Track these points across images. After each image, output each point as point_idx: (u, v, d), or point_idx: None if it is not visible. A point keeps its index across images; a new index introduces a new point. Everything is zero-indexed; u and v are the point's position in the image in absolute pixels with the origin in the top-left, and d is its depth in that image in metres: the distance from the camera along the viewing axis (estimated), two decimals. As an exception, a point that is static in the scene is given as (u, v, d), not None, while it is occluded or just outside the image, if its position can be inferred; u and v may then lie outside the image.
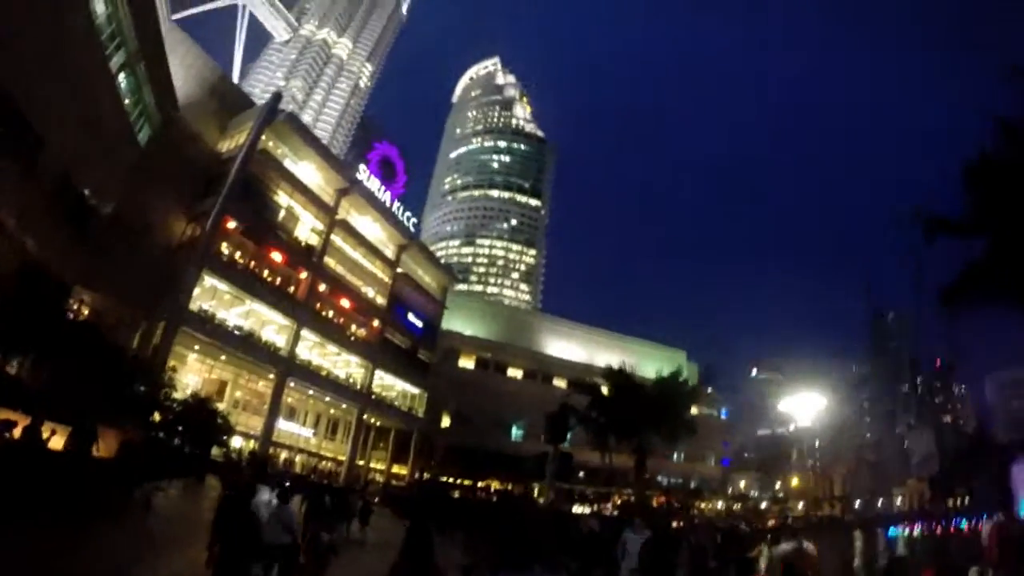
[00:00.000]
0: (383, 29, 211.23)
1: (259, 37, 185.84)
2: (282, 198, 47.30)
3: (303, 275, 48.35)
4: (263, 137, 45.13)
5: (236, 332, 41.11)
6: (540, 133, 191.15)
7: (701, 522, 42.92)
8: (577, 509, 68.68)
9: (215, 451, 29.58)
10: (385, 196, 60.04)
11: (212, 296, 40.36)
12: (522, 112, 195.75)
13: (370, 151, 63.54)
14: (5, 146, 24.44)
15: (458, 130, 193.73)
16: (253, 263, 43.19)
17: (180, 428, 26.28)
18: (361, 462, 59.44)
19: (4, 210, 24.99)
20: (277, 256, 45.20)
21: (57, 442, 17.00)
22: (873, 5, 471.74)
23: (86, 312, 28.61)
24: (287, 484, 11.73)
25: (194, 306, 37.53)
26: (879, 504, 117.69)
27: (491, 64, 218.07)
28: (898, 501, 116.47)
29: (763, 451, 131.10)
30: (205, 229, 39.00)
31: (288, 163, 48.24)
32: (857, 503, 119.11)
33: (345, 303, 53.54)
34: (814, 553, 9.27)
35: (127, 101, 34.14)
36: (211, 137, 45.10)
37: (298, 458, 50.78)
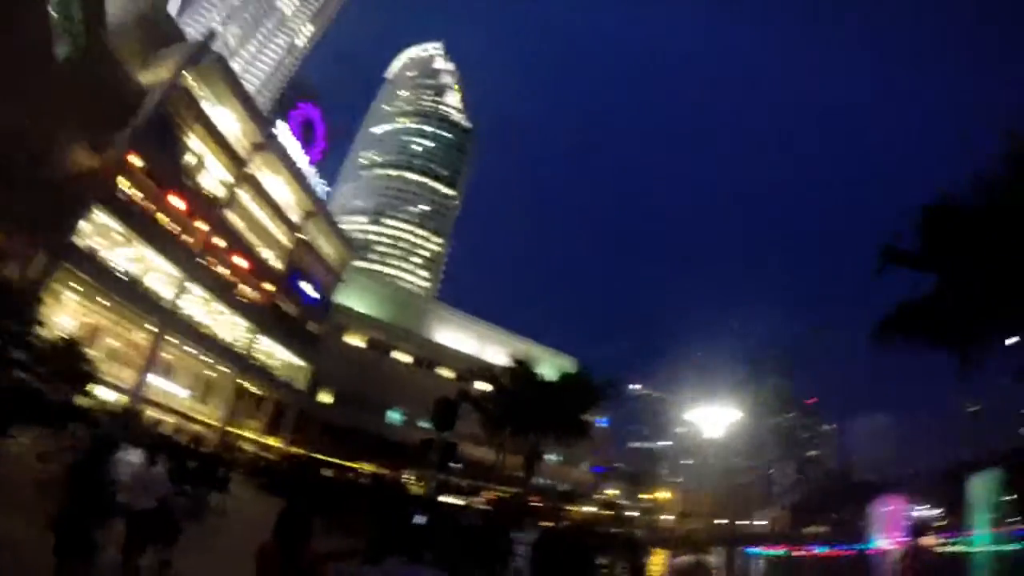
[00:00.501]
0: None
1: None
2: (194, 143, 45.09)
3: (201, 226, 46.10)
4: (187, 75, 42.98)
5: (121, 276, 38.65)
6: (467, 124, 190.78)
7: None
8: (448, 500, 69.34)
9: (82, 402, 27.53)
10: (301, 159, 58.52)
11: (101, 234, 37.81)
12: (454, 101, 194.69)
13: (294, 110, 61.58)
14: None
15: (386, 107, 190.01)
16: (151, 205, 40.75)
17: (40, 371, 24.16)
18: (234, 429, 57.39)
19: None
20: (178, 202, 42.84)
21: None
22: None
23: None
24: (155, 445, 11.28)
25: (81, 242, 35.03)
26: (749, 524, 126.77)
27: (433, 48, 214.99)
28: (764, 523, 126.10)
29: (633, 463, 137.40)
30: (106, 162, 36.54)
31: (207, 107, 45.98)
32: (724, 521, 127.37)
33: (241, 262, 51.45)
34: (711, 567, 10.10)
35: (54, 8, 31.68)
36: (133, 67, 42.13)
37: (169, 418, 48.35)
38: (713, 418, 18.19)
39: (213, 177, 48.03)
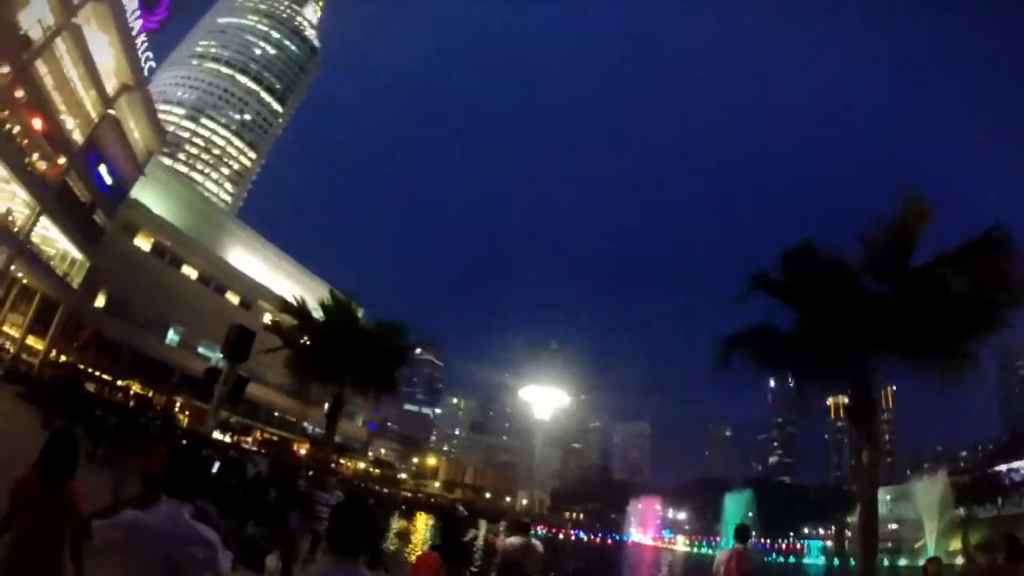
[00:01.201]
0: None
1: None
2: (22, -30, 37.33)
3: (4, 70, 38.38)
4: None
5: None
6: (316, 43, 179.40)
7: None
8: (217, 436, 65.01)
9: None
10: (136, 23, 51.45)
11: None
12: (311, 15, 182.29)
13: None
14: None
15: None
16: (-49, 30, 33.12)
17: None
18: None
19: None
20: (-14, 34, 35.28)
21: None
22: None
23: None
24: None
25: None
26: (506, 500, 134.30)
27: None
28: (523, 502, 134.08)
29: (407, 426, 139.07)
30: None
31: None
32: (488, 495, 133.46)
33: (37, 123, 43.32)
34: (541, 550, 10.07)
35: None
36: None
37: None
38: (544, 400, 18.41)
39: (33, 15, 40.33)
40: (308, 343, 27.34)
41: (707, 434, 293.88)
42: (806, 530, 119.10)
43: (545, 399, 21.75)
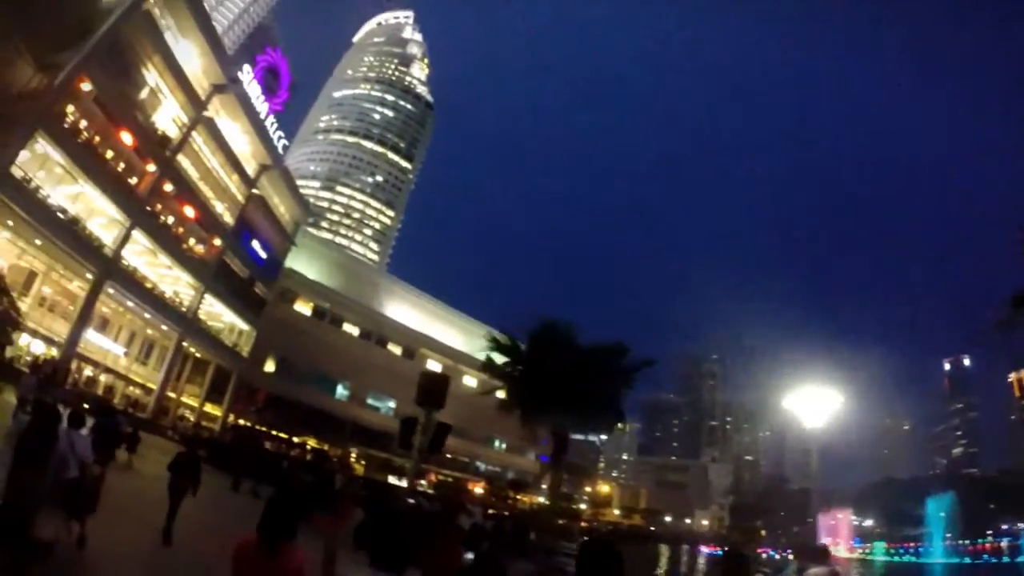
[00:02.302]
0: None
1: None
2: (150, 75, 40.68)
3: (150, 168, 41.80)
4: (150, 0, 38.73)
5: (60, 215, 34.36)
6: (430, 98, 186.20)
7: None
8: (393, 480, 66.98)
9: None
10: (262, 107, 54.55)
11: (42, 166, 33.44)
12: (419, 72, 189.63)
13: (260, 54, 57.29)
14: None
15: (349, 71, 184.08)
16: (98, 138, 36.45)
17: None
18: (172, 394, 53.32)
19: None
20: (127, 138, 38.45)
21: None
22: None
23: None
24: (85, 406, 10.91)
25: (18, 172, 30.78)
26: (685, 522, 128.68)
27: (403, 16, 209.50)
28: (704, 522, 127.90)
29: (574, 454, 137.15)
30: (54, 84, 32.21)
31: (168, 37, 41.67)
32: (667, 518, 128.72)
33: (189, 211, 47.20)
34: None
35: None
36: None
37: (103, 377, 44.16)
38: (815, 404, 15.71)
39: (167, 116, 43.74)
40: (520, 375, 26.08)
41: (881, 431, 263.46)
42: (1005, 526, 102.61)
43: (816, 403, 18.61)
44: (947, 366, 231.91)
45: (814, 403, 16.53)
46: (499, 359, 28.53)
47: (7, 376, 22.01)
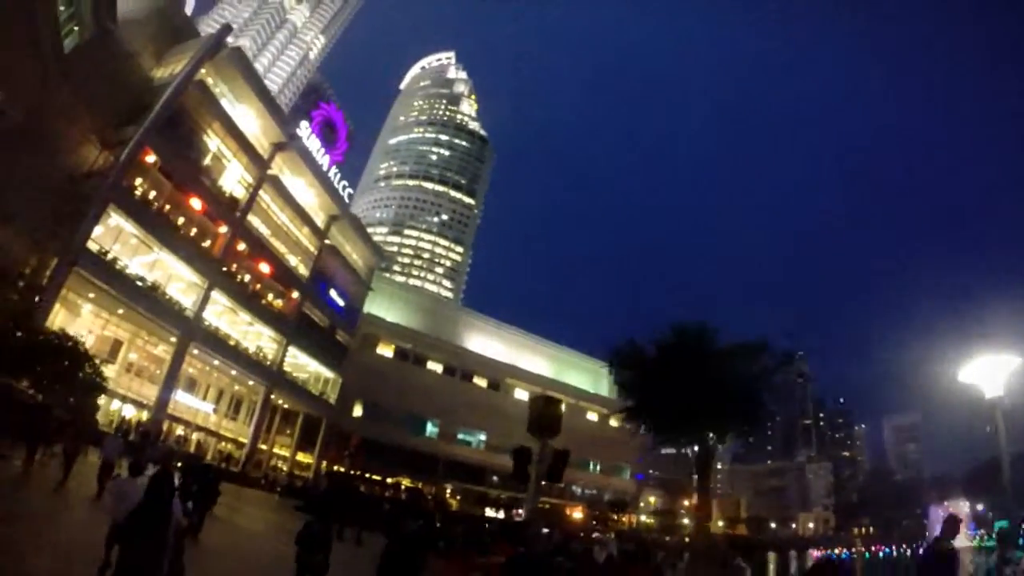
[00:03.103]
0: (343, 4, 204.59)
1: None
2: (212, 141, 42.04)
3: (222, 229, 43.05)
4: (203, 71, 40.04)
5: (139, 283, 35.47)
6: (483, 132, 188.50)
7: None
8: (490, 512, 66.01)
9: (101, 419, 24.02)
10: (323, 160, 55.57)
11: (116, 238, 34.65)
12: (468, 109, 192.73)
13: (315, 109, 58.70)
14: None
15: (401, 118, 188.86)
16: (168, 207, 37.70)
17: (38, 370, 19.96)
18: (264, 446, 54.31)
19: None
20: (196, 203, 39.77)
21: None
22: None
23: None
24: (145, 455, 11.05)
25: (94, 246, 31.92)
26: (792, 527, 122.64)
27: (445, 57, 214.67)
28: (810, 525, 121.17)
29: (667, 470, 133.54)
30: (120, 160, 33.45)
31: (225, 104, 43.07)
32: (772, 524, 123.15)
33: (264, 268, 48.34)
34: None
35: None
36: (146, 62, 39.48)
37: (195, 435, 45.28)
38: (994, 371, 13.52)
39: (233, 177, 44.97)
40: (649, 387, 24.08)
41: (981, 409, 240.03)
42: None
43: (998, 369, 16.31)
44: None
45: (991, 370, 14.31)
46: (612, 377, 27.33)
47: (99, 442, 22.25)
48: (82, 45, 32.03)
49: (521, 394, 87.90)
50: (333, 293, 60.28)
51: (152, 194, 36.46)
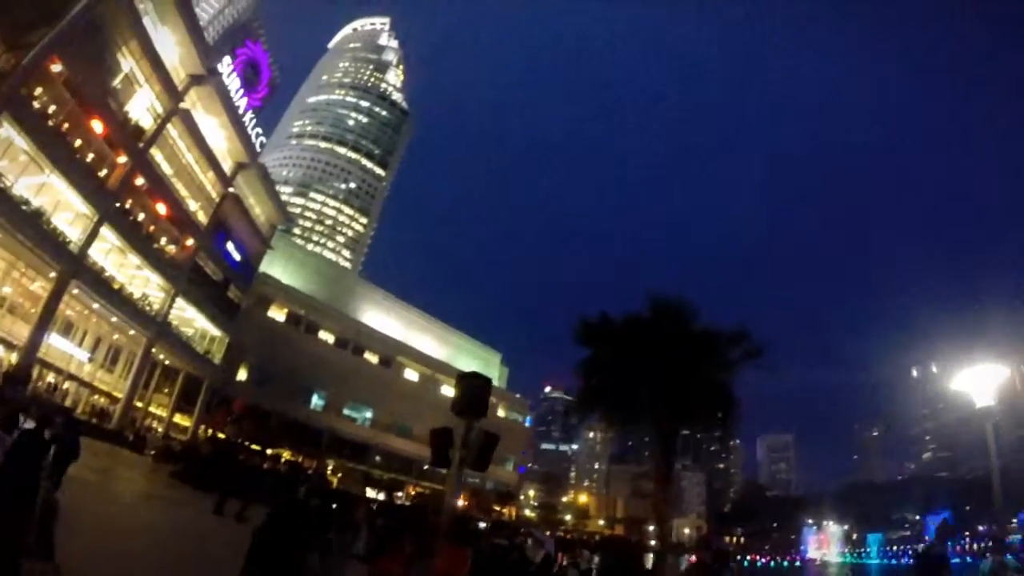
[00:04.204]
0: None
1: None
2: (126, 61, 37.92)
3: (121, 160, 38.72)
4: (128, -19, 36.15)
5: (23, 207, 31.43)
6: (405, 105, 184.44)
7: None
8: (371, 493, 64.39)
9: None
10: (241, 102, 52.08)
11: (4, 152, 30.55)
12: (394, 79, 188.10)
13: (241, 48, 54.77)
14: None
15: (324, 77, 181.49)
16: (67, 125, 33.63)
17: None
18: (140, 404, 50.13)
19: None
20: (98, 126, 35.62)
21: None
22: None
23: None
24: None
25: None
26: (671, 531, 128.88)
27: (380, 22, 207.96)
28: (685, 531, 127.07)
29: (547, 465, 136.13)
30: (22, 64, 29.41)
31: (147, 22, 39.05)
32: (651, 527, 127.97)
33: (161, 208, 44.21)
34: None
35: None
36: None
37: (67, 384, 40.91)
38: (985, 380, 13.88)
39: (141, 106, 40.87)
40: (611, 365, 22.22)
41: (852, 437, 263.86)
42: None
43: (985, 379, 16.47)
44: (914, 372, 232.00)
45: (982, 380, 14.80)
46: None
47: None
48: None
49: (411, 374, 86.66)
50: (230, 246, 56.65)
51: (52, 108, 32.38)
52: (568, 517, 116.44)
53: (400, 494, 73.38)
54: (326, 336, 77.38)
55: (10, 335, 34.32)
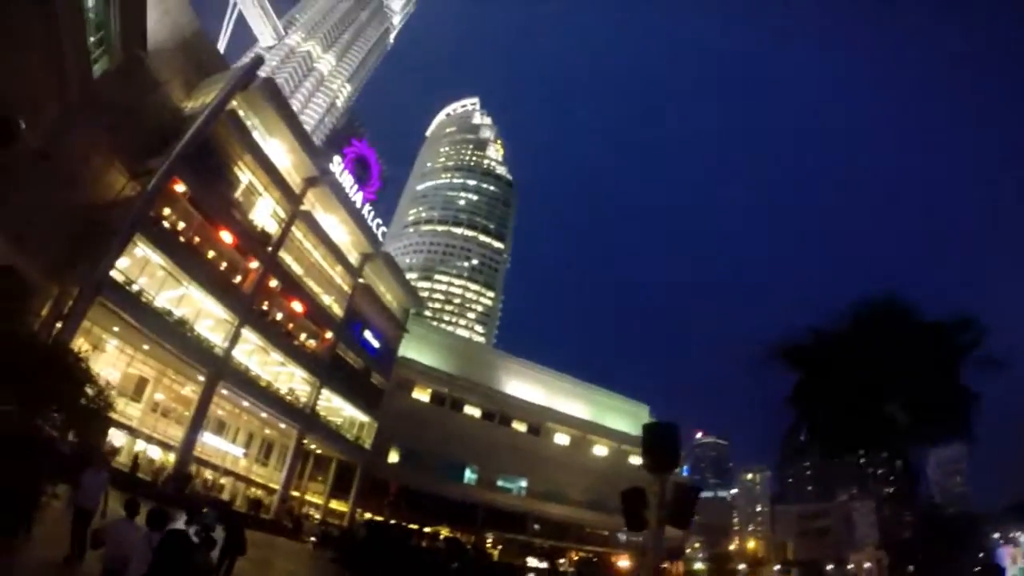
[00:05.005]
0: (368, 52, 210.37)
1: (243, 39, 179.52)
2: (243, 174, 40.45)
3: (253, 265, 41.06)
4: (234, 102, 38.71)
5: (166, 318, 33.33)
6: (509, 177, 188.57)
7: None
8: (533, 562, 61.96)
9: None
10: (356, 196, 53.86)
11: (142, 270, 32.71)
12: (494, 154, 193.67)
13: (348, 147, 57.29)
14: None
15: (428, 164, 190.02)
16: (198, 239, 35.96)
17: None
18: (296, 493, 51.47)
19: None
20: (227, 236, 37.94)
21: None
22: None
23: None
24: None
25: (119, 277, 29.97)
26: (849, 568, 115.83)
27: (470, 103, 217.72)
28: (866, 566, 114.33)
29: (707, 514, 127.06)
30: (148, 188, 31.69)
31: (256, 136, 41.64)
32: (828, 567, 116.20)
33: (297, 306, 46.12)
34: None
35: (90, 18, 27.78)
36: (176, 93, 38.43)
37: (224, 480, 42.66)
38: None
39: (264, 213, 43.28)
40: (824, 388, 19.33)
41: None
42: None
43: None
44: None
45: None
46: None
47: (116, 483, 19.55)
48: (110, 72, 30.78)
49: (561, 438, 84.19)
50: (368, 334, 57.98)
51: (181, 225, 34.76)
52: (742, 566, 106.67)
53: (563, 560, 70.03)
54: (472, 411, 76.90)
55: (167, 437, 36.11)
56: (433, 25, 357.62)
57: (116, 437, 32.35)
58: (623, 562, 74.16)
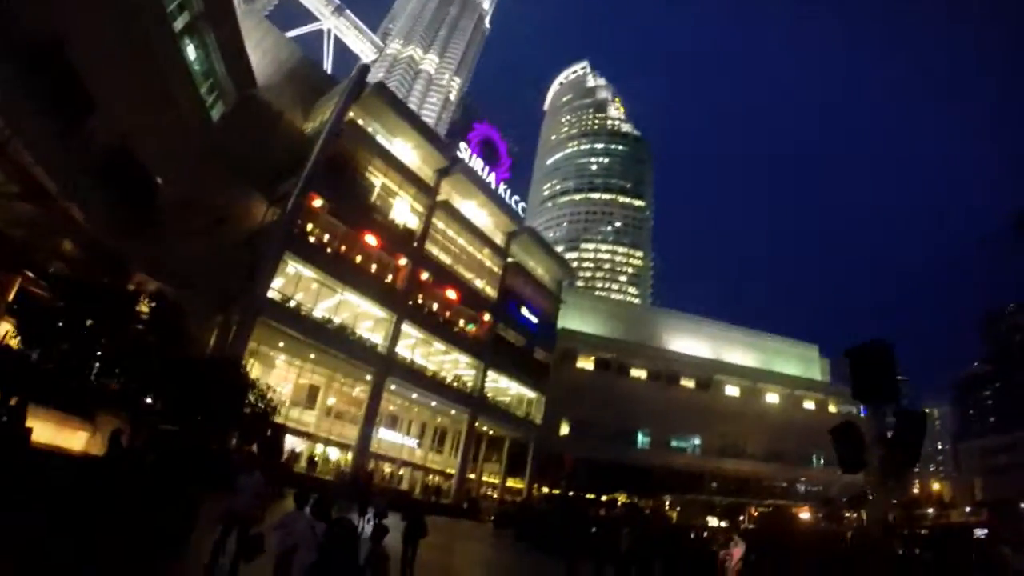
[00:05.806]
0: (468, 42, 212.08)
1: (346, 61, 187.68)
2: (375, 178, 41.73)
3: (402, 262, 42.40)
4: (352, 112, 40.03)
5: (327, 325, 35.19)
6: (636, 132, 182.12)
7: None
8: (712, 522, 59.89)
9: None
10: (490, 178, 53.98)
11: (296, 284, 34.80)
12: (616, 113, 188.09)
13: (470, 132, 57.46)
14: (45, 97, 19.95)
15: (553, 136, 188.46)
16: (344, 247, 37.56)
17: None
18: (472, 475, 53.26)
19: (46, 174, 20.20)
20: (371, 239, 39.39)
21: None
22: None
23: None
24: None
25: (276, 295, 31.97)
26: None
27: (580, 68, 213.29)
28: None
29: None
30: (287, 209, 33.49)
31: (380, 140, 42.79)
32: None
33: (451, 294, 47.10)
34: None
35: (196, 69, 29.79)
36: (296, 119, 40.83)
37: (402, 471, 44.88)
38: None
39: (403, 209, 44.37)
40: None
41: None
42: None
43: None
44: None
45: None
46: None
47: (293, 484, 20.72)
48: (228, 112, 32.86)
49: (731, 390, 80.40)
50: (525, 311, 58.02)
51: (326, 237, 36.44)
52: (930, 511, 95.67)
53: (743, 518, 66.43)
54: (637, 373, 75.40)
55: (342, 437, 38.40)
56: (523, 2, 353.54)
57: (295, 443, 34.77)
58: (804, 514, 68.64)
